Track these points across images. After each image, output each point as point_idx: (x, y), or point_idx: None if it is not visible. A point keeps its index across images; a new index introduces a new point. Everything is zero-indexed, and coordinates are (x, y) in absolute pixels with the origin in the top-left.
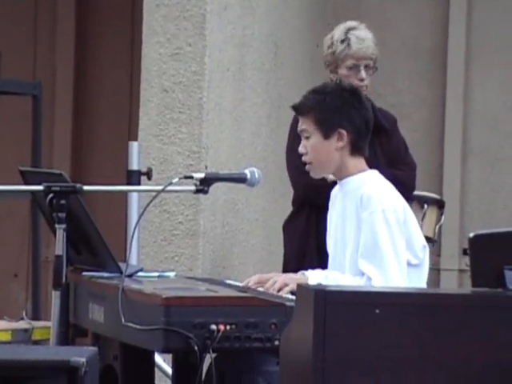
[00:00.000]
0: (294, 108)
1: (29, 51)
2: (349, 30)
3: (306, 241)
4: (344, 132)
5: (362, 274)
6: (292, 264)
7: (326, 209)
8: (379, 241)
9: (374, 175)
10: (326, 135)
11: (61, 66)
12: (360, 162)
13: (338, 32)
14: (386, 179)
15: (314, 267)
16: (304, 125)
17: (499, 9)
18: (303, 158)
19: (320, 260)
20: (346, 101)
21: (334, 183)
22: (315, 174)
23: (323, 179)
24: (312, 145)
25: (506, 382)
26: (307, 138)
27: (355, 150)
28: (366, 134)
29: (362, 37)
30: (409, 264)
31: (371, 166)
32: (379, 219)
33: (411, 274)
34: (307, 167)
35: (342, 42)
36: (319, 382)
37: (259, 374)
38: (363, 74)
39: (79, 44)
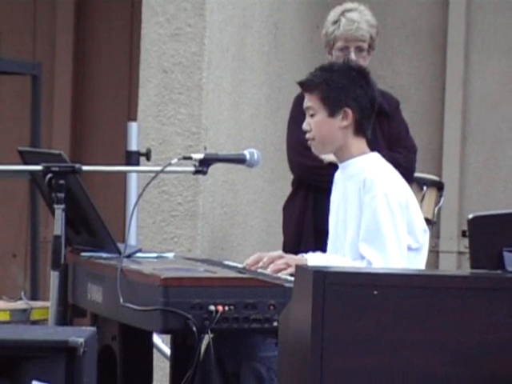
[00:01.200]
0: (301, 84)
1: (28, 31)
2: (343, 11)
3: (302, 221)
4: (349, 111)
5: (363, 257)
6: (290, 244)
7: (324, 190)
8: (381, 225)
9: (376, 158)
10: (332, 113)
11: (60, 47)
12: (362, 143)
13: (333, 13)
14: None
15: (310, 248)
16: (310, 102)
17: None
18: (306, 135)
19: (317, 241)
20: (352, 80)
21: (331, 165)
22: (317, 151)
23: (320, 161)
24: (316, 122)
25: (505, 364)
26: (312, 115)
27: (359, 130)
28: (370, 114)
29: (354, 19)
30: (409, 248)
31: (371, 148)
32: (381, 203)
33: (411, 257)
34: (309, 143)
35: (334, 23)
36: (317, 363)
37: (258, 359)
38: (352, 55)
39: (78, 24)
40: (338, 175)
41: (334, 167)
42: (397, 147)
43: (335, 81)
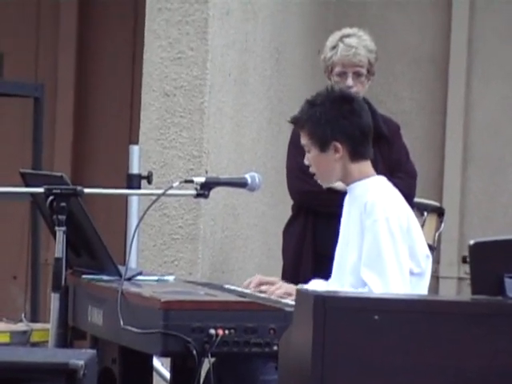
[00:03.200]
0: (291, 121)
1: (31, 53)
2: (342, 37)
3: (302, 246)
4: (338, 144)
5: (364, 284)
6: (289, 269)
7: (324, 215)
8: (382, 250)
9: (380, 181)
10: (322, 149)
11: (63, 69)
12: (364, 166)
13: (331, 39)
14: None
15: (309, 272)
16: (303, 139)
17: (501, 17)
18: (310, 170)
19: (316, 265)
20: (336, 112)
21: (330, 190)
22: (323, 184)
23: (319, 186)
24: (312, 158)
25: None
26: (308, 151)
27: (355, 156)
28: (363, 140)
29: (352, 44)
30: (411, 273)
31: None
32: (383, 228)
33: (413, 282)
34: (315, 177)
35: (332, 48)
36: None
37: (258, 382)
38: (350, 81)
39: (81, 46)
40: (346, 200)
41: (333, 192)
42: (397, 172)
43: (318, 116)
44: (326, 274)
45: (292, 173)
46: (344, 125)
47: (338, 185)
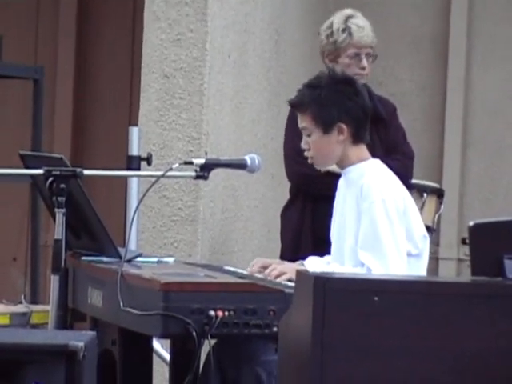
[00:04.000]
0: (291, 105)
1: (30, 35)
2: (347, 18)
3: (300, 230)
4: (343, 126)
5: (362, 264)
6: (288, 253)
7: (322, 197)
8: (379, 231)
9: (376, 164)
10: (326, 130)
11: (62, 51)
12: (361, 150)
13: (337, 21)
14: None
15: (309, 256)
16: (303, 122)
17: None
18: (305, 153)
19: (316, 249)
20: (341, 93)
21: (328, 173)
22: (319, 167)
23: (316, 169)
24: (313, 141)
25: (505, 371)
26: (308, 135)
27: (356, 139)
28: (365, 122)
29: (362, 25)
30: (409, 254)
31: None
32: (379, 209)
33: (411, 263)
34: (309, 161)
35: (343, 31)
36: (317, 369)
37: (258, 363)
38: (365, 62)
39: (81, 28)
40: (341, 182)
41: (330, 175)
42: (394, 154)
43: (324, 98)
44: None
45: (289, 156)
46: (350, 106)
47: (335, 168)
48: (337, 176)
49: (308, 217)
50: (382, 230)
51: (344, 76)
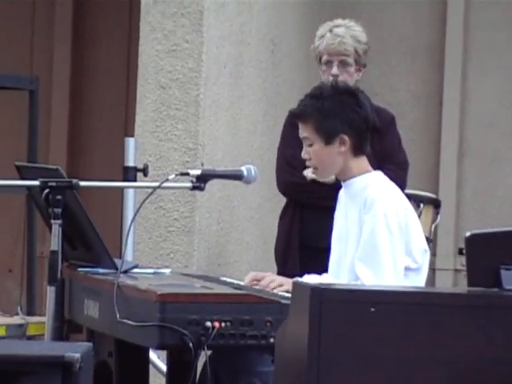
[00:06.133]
0: (294, 114)
1: (26, 46)
2: (332, 27)
3: (289, 238)
4: (345, 137)
5: (357, 278)
6: (279, 262)
7: (310, 207)
8: (378, 245)
9: (378, 176)
10: (328, 141)
11: (58, 61)
12: (363, 161)
13: (321, 29)
14: None
15: (297, 266)
16: (305, 132)
17: (496, 8)
18: (307, 163)
19: (303, 258)
20: (344, 104)
21: (314, 182)
22: (320, 178)
23: (304, 178)
24: (315, 151)
25: (501, 381)
26: (309, 145)
27: (357, 151)
28: (366, 134)
29: (339, 33)
30: (407, 268)
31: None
32: (380, 223)
33: (410, 278)
34: (312, 171)
35: (320, 37)
36: (314, 380)
37: (255, 374)
38: (335, 69)
39: (76, 39)
40: (341, 194)
41: (318, 184)
42: (388, 162)
43: (327, 109)
44: (313, 267)
45: (278, 165)
46: (352, 118)
47: (309, 175)
48: (324, 185)
49: (296, 225)
50: (381, 244)
51: (347, 87)
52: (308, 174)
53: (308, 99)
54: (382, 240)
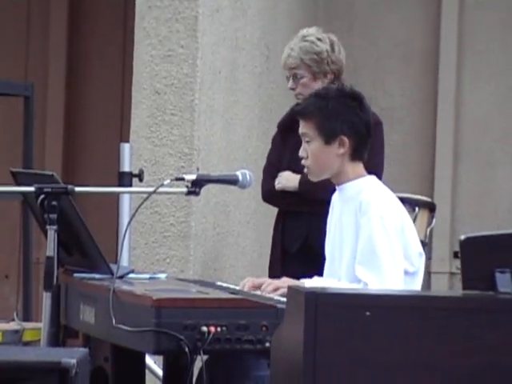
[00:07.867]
0: (296, 111)
1: (21, 52)
2: (295, 38)
3: (274, 245)
4: (345, 139)
5: (359, 280)
6: (269, 268)
7: (289, 213)
8: (377, 247)
9: (373, 181)
10: (327, 141)
11: (53, 68)
12: (358, 166)
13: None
14: None
15: (278, 271)
16: (305, 128)
17: (491, 12)
18: (302, 162)
19: (284, 263)
20: (348, 107)
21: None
22: (313, 178)
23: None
24: (312, 150)
25: None
26: (308, 142)
27: (355, 155)
28: (366, 139)
29: (290, 46)
30: (406, 272)
31: None
32: (377, 225)
33: (406, 282)
34: (305, 170)
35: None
36: None
37: (251, 379)
38: (290, 83)
39: (71, 45)
40: (335, 198)
41: (285, 193)
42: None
43: (331, 109)
44: (292, 273)
45: (263, 171)
46: (354, 120)
47: (289, 186)
48: (292, 193)
49: (278, 231)
50: (379, 245)
51: (352, 91)
52: (277, 184)
53: (313, 98)
54: (380, 242)
